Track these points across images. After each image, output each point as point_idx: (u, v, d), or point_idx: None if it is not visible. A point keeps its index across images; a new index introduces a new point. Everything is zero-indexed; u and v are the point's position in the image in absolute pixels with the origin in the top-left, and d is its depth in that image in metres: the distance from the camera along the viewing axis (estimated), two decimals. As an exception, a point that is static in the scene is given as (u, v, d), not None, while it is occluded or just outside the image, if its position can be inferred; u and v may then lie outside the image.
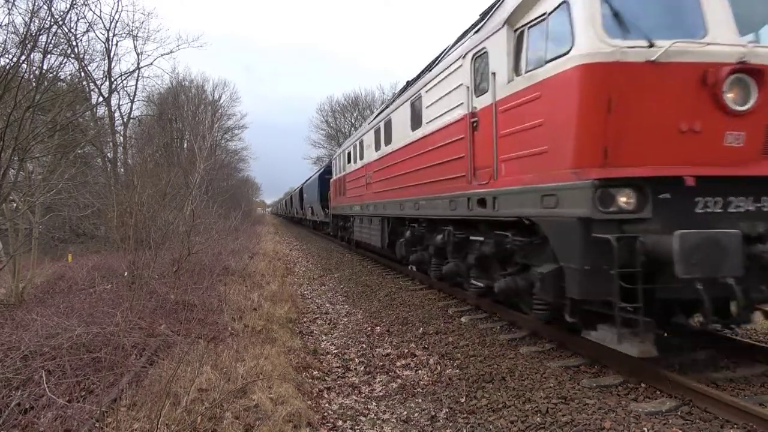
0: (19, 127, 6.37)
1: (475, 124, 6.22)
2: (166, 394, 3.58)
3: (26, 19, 7.01)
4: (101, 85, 24.72)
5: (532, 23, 5.05)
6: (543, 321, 5.62)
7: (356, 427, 4.06)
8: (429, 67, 8.89)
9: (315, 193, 27.13)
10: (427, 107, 8.07)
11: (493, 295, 6.48)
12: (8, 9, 9.11)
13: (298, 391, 4.44)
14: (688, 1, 4.32)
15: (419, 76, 9.35)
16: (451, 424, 3.98)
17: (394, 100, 11.00)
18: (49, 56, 7.78)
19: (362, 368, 5.49)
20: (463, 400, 4.38)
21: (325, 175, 23.75)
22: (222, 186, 32.61)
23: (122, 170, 23.67)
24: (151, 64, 46.26)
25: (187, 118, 32.76)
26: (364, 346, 6.35)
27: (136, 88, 27.00)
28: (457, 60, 6.80)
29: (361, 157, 13.62)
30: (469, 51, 6.38)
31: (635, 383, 4.36)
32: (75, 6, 11.29)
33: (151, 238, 8.91)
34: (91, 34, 27.32)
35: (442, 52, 8.62)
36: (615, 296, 3.87)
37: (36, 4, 6.72)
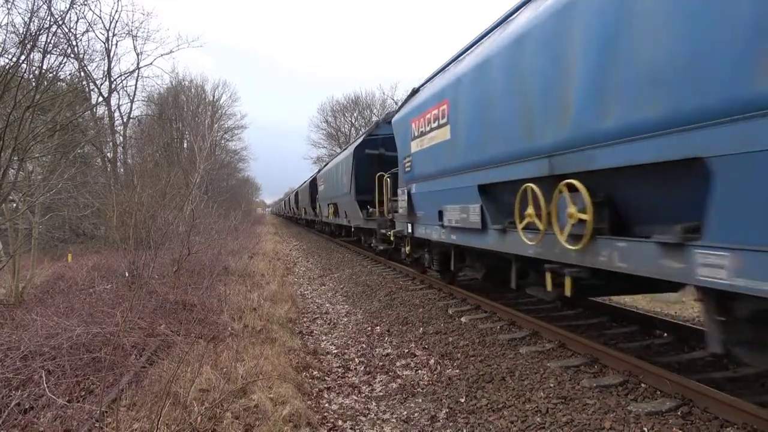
0: (18, 126, 6.38)
1: None
2: (166, 394, 3.58)
3: (26, 18, 7.03)
4: (101, 85, 24.79)
5: None
6: None
7: (356, 427, 4.06)
8: None
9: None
10: None
11: None
12: (8, 8, 9.11)
13: (298, 391, 4.44)
14: None
15: None
16: (451, 424, 3.97)
17: None
18: (48, 56, 7.80)
19: (362, 368, 5.49)
20: (463, 400, 4.38)
21: None
22: (222, 186, 32.63)
23: (122, 170, 23.70)
24: (151, 63, 46.57)
25: (187, 118, 32.77)
26: (364, 346, 6.35)
27: (135, 88, 27.11)
28: None
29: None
30: None
31: (635, 383, 4.36)
32: (75, 6, 11.29)
33: (151, 238, 8.92)
34: (91, 34, 27.37)
35: None
36: None
37: (36, 3, 6.73)
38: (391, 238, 10.41)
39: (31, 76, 7.54)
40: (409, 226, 8.82)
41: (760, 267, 2.61)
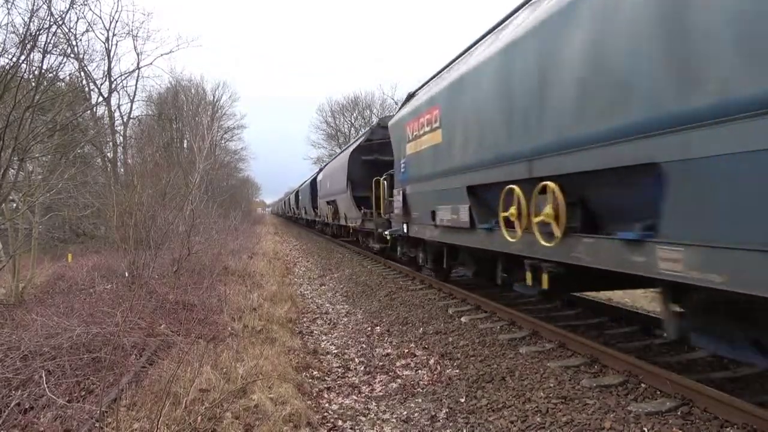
0: (18, 127, 6.38)
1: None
2: (166, 394, 3.58)
3: (26, 18, 7.02)
4: (101, 84, 24.82)
5: None
6: None
7: (356, 427, 4.06)
8: None
9: None
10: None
11: None
12: (8, 8, 9.12)
13: (297, 391, 4.44)
14: None
15: None
16: (451, 424, 3.97)
17: None
18: (48, 56, 7.78)
19: (362, 368, 5.49)
20: (463, 400, 4.38)
21: None
22: (222, 186, 32.58)
23: (122, 170, 23.70)
24: (151, 63, 46.59)
25: (187, 118, 32.76)
26: (364, 346, 6.35)
27: (135, 88, 27.16)
28: None
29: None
30: None
31: (635, 383, 4.36)
32: (75, 6, 11.29)
33: (151, 238, 8.92)
34: (91, 34, 27.35)
35: None
36: None
37: (36, 3, 6.72)
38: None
39: (31, 76, 7.53)
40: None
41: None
